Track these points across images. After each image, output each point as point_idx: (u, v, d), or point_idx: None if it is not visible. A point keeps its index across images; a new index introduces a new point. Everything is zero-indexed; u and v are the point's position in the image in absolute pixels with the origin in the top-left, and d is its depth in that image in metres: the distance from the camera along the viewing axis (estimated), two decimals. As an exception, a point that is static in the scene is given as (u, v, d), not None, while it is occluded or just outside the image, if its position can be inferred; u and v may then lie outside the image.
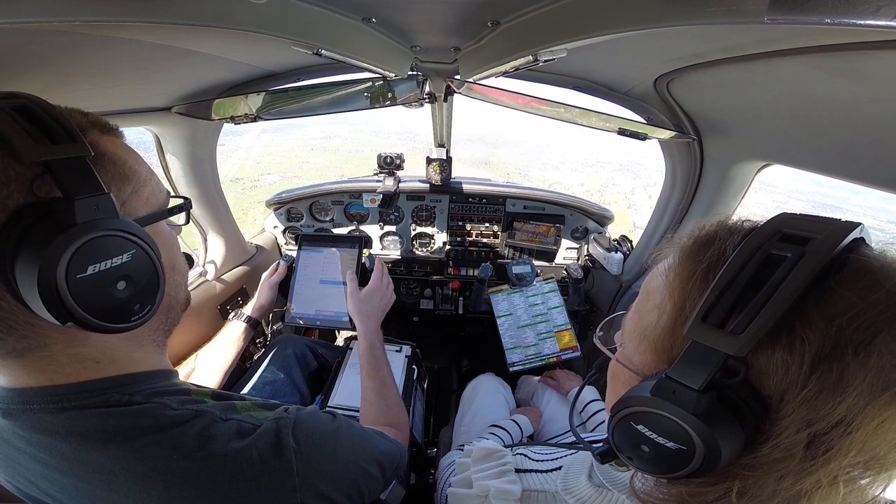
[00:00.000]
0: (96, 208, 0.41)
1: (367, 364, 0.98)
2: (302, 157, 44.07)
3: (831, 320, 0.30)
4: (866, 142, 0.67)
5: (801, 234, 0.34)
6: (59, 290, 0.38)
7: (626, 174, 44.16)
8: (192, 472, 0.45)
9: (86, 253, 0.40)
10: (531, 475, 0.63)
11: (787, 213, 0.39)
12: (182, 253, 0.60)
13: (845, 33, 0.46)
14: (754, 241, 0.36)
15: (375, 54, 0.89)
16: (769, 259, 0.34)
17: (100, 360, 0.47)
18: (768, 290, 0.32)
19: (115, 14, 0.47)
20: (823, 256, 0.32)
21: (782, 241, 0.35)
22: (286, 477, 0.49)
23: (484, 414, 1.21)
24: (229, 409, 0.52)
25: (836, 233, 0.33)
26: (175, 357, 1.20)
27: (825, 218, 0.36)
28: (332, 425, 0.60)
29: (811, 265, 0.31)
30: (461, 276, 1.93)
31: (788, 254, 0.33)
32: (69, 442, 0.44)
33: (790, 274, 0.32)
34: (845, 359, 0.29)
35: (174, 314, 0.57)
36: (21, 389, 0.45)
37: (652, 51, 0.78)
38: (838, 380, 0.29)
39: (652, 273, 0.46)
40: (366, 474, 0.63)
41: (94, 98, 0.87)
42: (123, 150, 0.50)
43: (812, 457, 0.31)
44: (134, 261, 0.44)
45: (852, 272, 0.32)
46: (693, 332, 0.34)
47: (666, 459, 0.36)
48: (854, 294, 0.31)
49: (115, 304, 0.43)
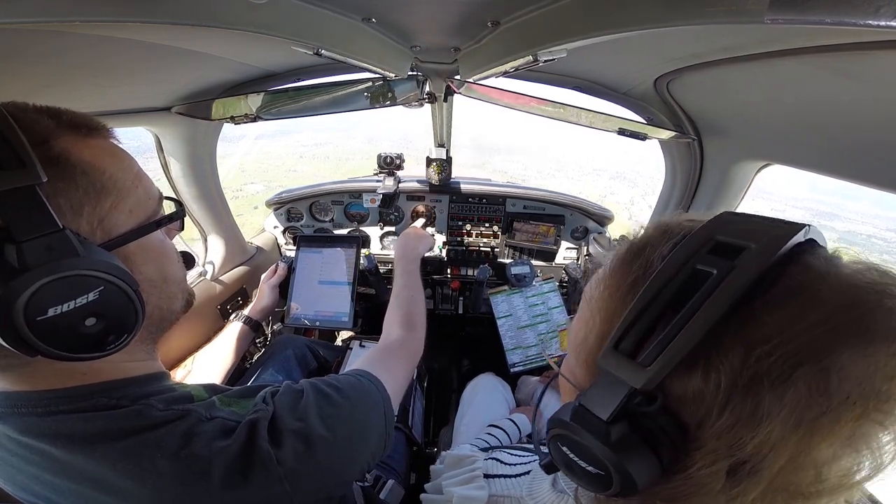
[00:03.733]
0: (48, 249, 0.37)
1: (399, 285, 1.06)
2: (289, 165, 43.28)
3: (750, 349, 0.28)
4: (866, 142, 0.67)
5: (735, 244, 0.31)
6: (19, 332, 0.36)
7: (623, 182, 44.14)
8: (178, 471, 0.45)
9: (42, 297, 0.36)
10: (500, 480, 0.62)
11: (728, 213, 0.35)
12: (180, 254, 0.57)
13: (845, 33, 0.46)
14: (681, 254, 0.32)
15: (375, 54, 0.89)
16: (695, 275, 0.31)
17: (86, 372, 0.47)
18: (685, 315, 0.29)
19: (114, 14, 0.47)
20: (752, 273, 0.29)
21: (712, 253, 0.31)
22: (271, 468, 0.48)
23: (484, 414, 1.21)
24: (211, 406, 0.51)
25: (773, 241, 0.30)
26: (174, 358, 1.20)
27: (769, 220, 0.33)
28: (306, 402, 0.56)
29: (735, 285, 0.28)
30: (461, 276, 1.92)
31: (714, 270, 0.30)
32: (56, 445, 0.44)
33: (711, 297, 0.29)
34: (761, 392, 0.27)
35: (167, 323, 0.55)
36: (9, 393, 0.45)
37: (652, 51, 0.78)
38: (752, 413, 0.27)
39: (591, 280, 0.43)
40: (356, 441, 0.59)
41: (93, 98, 0.87)
42: (104, 156, 0.46)
43: (732, 487, 0.29)
44: (102, 297, 0.40)
45: (784, 290, 0.29)
46: (603, 361, 0.32)
47: (591, 480, 0.34)
48: (781, 318, 0.28)
49: (85, 338, 0.41)
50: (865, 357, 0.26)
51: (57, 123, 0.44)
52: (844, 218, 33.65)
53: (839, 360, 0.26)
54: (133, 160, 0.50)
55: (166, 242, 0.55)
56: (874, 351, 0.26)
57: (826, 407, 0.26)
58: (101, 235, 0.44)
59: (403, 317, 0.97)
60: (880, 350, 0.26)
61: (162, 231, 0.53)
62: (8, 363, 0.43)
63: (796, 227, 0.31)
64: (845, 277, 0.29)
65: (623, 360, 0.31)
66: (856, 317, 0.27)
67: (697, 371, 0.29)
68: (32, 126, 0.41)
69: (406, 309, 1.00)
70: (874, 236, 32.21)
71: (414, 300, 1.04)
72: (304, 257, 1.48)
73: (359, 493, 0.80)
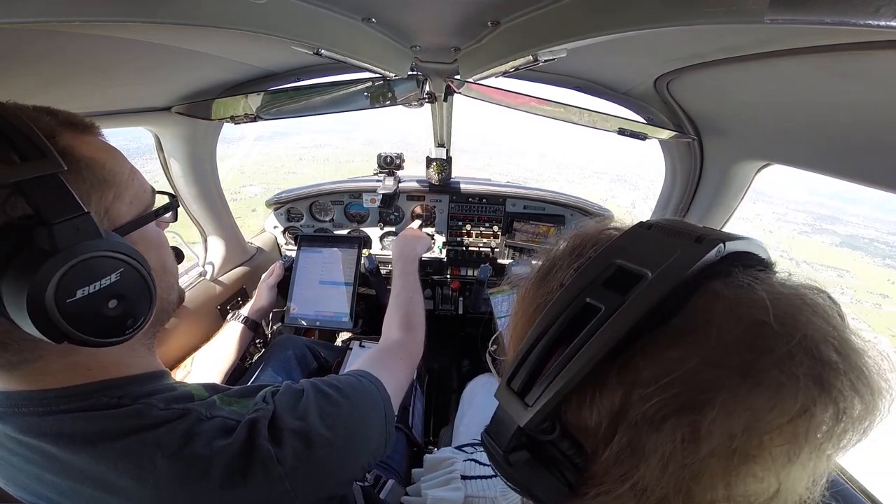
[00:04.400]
0: (77, 231, 0.39)
1: (398, 286, 1.08)
2: (289, 167, 43.05)
3: (629, 391, 0.27)
4: (866, 142, 0.67)
5: (633, 270, 0.29)
6: (49, 315, 0.37)
7: (623, 185, 44.06)
8: (178, 470, 0.45)
9: (72, 278, 0.39)
10: (476, 481, 0.63)
11: (641, 227, 0.33)
12: (171, 248, 0.59)
13: (845, 33, 0.46)
14: (577, 285, 0.31)
15: (375, 54, 0.89)
16: (585, 310, 0.29)
17: (91, 368, 0.47)
18: (569, 354, 0.28)
19: (114, 14, 0.47)
20: (640, 309, 0.26)
21: (608, 284, 0.29)
22: (271, 467, 0.48)
23: (484, 414, 1.21)
24: (211, 405, 0.51)
25: (670, 270, 0.27)
26: (174, 358, 1.20)
27: (682, 236, 0.29)
28: (306, 401, 0.57)
29: (619, 325, 0.26)
30: (461, 277, 1.92)
31: (602, 306, 0.28)
32: (57, 444, 0.44)
33: (593, 337, 0.27)
34: (640, 434, 0.26)
35: (165, 316, 0.57)
36: (9, 392, 0.45)
37: (652, 51, 0.78)
38: (632, 452, 0.27)
39: (519, 289, 0.41)
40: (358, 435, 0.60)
41: (93, 98, 0.87)
42: (101, 151, 0.48)
43: None
44: (123, 278, 0.43)
45: (674, 329, 0.27)
46: (498, 395, 0.32)
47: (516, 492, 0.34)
48: (664, 360, 0.26)
49: (108, 321, 0.42)
50: (738, 408, 0.24)
51: (56, 121, 0.45)
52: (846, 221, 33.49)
53: (711, 410, 0.24)
54: (125, 156, 0.52)
55: (161, 234, 0.57)
56: (750, 402, 0.24)
57: (690, 461, 0.25)
58: (107, 225, 0.46)
59: (402, 318, 0.97)
60: (755, 401, 0.24)
61: (155, 223, 0.55)
62: (22, 358, 0.43)
63: (708, 246, 0.28)
64: (751, 309, 0.26)
65: (512, 399, 0.31)
66: (747, 360, 0.25)
67: (585, 406, 0.29)
68: (36, 122, 0.42)
69: (405, 311, 1.00)
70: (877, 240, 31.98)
71: (412, 301, 1.04)
72: (305, 257, 1.48)
73: (359, 492, 0.80)
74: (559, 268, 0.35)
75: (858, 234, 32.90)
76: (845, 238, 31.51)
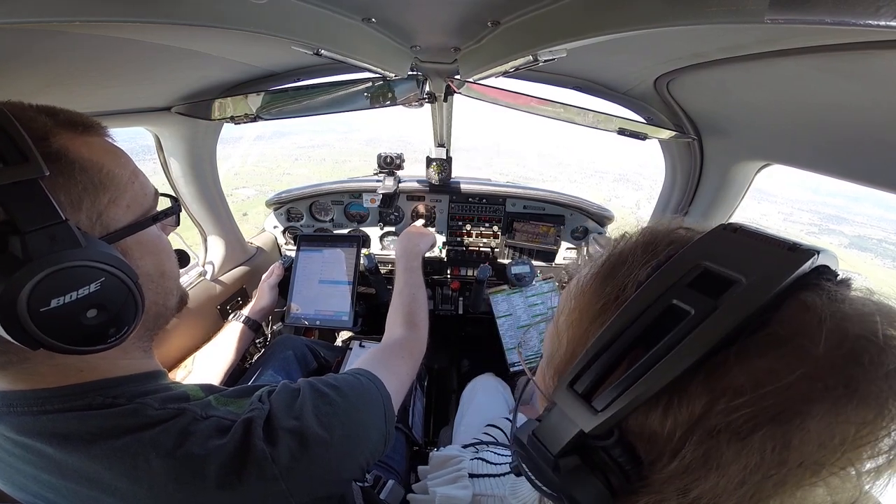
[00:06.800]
0: (52, 240, 0.38)
1: (401, 283, 1.07)
2: (284, 168, 42.47)
3: (715, 400, 0.25)
4: (866, 142, 0.67)
5: (724, 275, 0.27)
6: (22, 323, 0.37)
7: (626, 185, 43.88)
8: (173, 470, 0.45)
9: (45, 288, 0.37)
10: (484, 479, 0.62)
11: (725, 229, 0.31)
12: (175, 251, 0.58)
13: (845, 33, 0.46)
14: (658, 284, 0.29)
15: (375, 54, 0.89)
16: (670, 312, 0.27)
17: (83, 369, 0.47)
18: (650, 360, 0.26)
19: (114, 14, 0.47)
20: (736, 317, 0.25)
21: (694, 286, 0.28)
22: (266, 467, 0.48)
23: (483, 414, 1.21)
24: (207, 405, 0.51)
25: (769, 277, 0.26)
26: (174, 358, 1.20)
27: (770, 241, 0.28)
28: (302, 401, 0.56)
29: (713, 332, 0.25)
30: (461, 277, 1.92)
31: (693, 310, 0.26)
32: (52, 444, 0.44)
33: (682, 343, 0.26)
34: (716, 445, 0.25)
35: (163, 320, 0.56)
36: (5, 392, 0.45)
37: (652, 51, 0.78)
38: (703, 463, 0.26)
39: (569, 287, 0.39)
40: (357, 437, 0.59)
41: (93, 98, 0.87)
42: (101, 152, 0.47)
43: None
44: (104, 289, 0.41)
45: (769, 338, 0.25)
46: (558, 396, 0.31)
47: (547, 496, 0.33)
48: (757, 370, 0.25)
49: (87, 330, 0.41)
50: (837, 420, 0.24)
51: (54, 121, 0.45)
52: (852, 221, 33.18)
53: (806, 422, 0.24)
54: (129, 157, 0.51)
55: (163, 238, 0.55)
56: (849, 416, 0.24)
57: (776, 472, 0.24)
58: (99, 230, 0.45)
59: (405, 316, 0.97)
60: (855, 415, 0.23)
61: (158, 227, 0.54)
62: (7, 360, 0.43)
63: (803, 256, 0.26)
64: (846, 323, 0.25)
65: (576, 401, 0.29)
66: (844, 374, 0.24)
67: (656, 413, 0.27)
68: (31, 123, 0.41)
69: (408, 308, 0.99)
70: (885, 241, 31.69)
71: (415, 299, 1.03)
72: (305, 256, 1.48)
73: (358, 493, 0.80)
74: (631, 264, 0.33)
75: (867, 235, 32.42)
76: (853, 239, 30.97)
